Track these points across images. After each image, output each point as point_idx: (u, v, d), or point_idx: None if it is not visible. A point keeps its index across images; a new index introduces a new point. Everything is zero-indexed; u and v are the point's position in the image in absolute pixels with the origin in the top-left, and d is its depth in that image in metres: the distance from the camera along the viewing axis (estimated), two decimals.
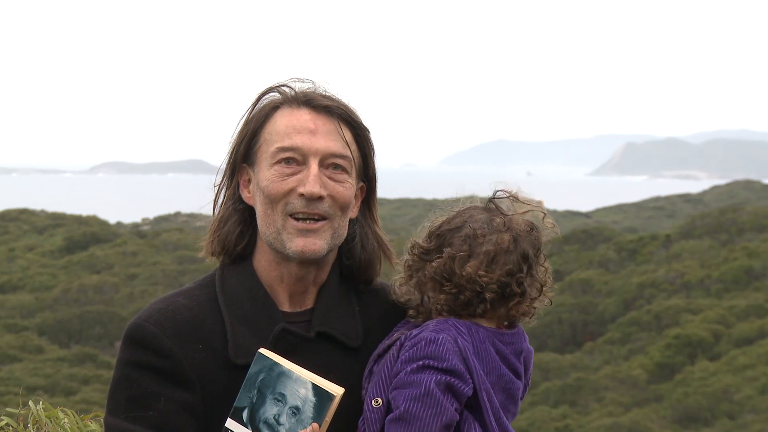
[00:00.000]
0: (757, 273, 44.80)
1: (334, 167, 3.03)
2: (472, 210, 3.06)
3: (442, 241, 3.02)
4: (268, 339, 2.99)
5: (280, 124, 3.05)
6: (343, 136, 3.05)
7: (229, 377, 2.96)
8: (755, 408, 33.83)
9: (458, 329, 2.95)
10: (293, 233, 3.01)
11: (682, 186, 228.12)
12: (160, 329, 2.98)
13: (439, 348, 2.89)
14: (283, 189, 3.01)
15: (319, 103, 3.06)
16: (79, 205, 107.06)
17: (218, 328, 3.01)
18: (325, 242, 3.02)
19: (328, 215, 3.02)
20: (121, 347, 3.03)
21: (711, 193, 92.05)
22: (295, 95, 3.09)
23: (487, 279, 2.96)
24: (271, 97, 3.12)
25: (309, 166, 3.01)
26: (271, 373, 2.84)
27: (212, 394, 2.97)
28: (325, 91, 3.12)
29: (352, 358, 3.07)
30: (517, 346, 3.04)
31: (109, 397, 3.01)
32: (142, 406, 2.94)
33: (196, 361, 2.97)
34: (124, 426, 2.94)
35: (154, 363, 2.96)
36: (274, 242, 3.03)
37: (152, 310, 3.03)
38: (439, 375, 2.87)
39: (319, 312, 3.07)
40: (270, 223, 3.03)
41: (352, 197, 3.07)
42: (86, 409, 5.21)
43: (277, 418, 2.83)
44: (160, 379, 2.95)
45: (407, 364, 2.90)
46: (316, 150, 3.02)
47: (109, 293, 45.90)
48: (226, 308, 3.04)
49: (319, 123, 3.04)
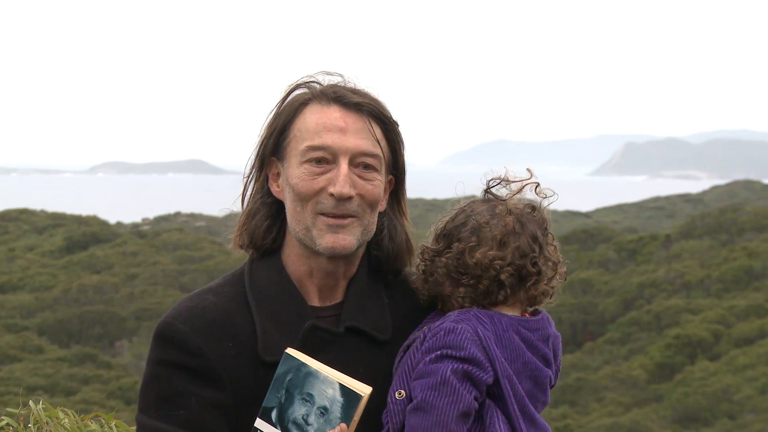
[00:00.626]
0: (757, 273, 44.79)
1: (364, 166, 3.02)
2: (473, 204, 3.07)
3: (450, 239, 3.03)
4: (297, 335, 2.99)
5: (310, 121, 3.03)
6: (372, 133, 3.03)
7: (259, 375, 2.96)
8: (755, 408, 33.82)
9: (479, 319, 2.95)
10: (323, 229, 2.99)
11: (682, 186, 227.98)
12: (190, 327, 2.98)
13: (457, 337, 2.89)
14: (313, 188, 2.99)
15: (349, 100, 3.04)
16: (79, 205, 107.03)
17: (247, 325, 3.01)
18: (354, 238, 3.01)
19: (357, 214, 3.01)
20: (152, 345, 3.03)
21: (711, 193, 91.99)
22: (325, 91, 3.06)
23: (501, 262, 2.96)
24: (301, 91, 3.10)
25: (339, 165, 3.00)
26: (298, 374, 2.84)
27: (242, 392, 2.96)
28: (355, 86, 3.10)
29: (382, 351, 3.06)
30: (544, 332, 3.04)
31: (141, 395, 3.01)
32: (172, 404, 2.94)
33: (226, 359, 2.96)
34: (155, 425, 2.94)
35: (184, 361, 2.96)
36: (304, 238, 3.02)
37: (182, 308, 3.03)
38: (456, 363, 2.87)
39: (348, 306, 3.06)
40: (300, 219, 3.02)
41: (381, 194, 3.06)
42: (86, 409, 5.20)
43: (306, 418, 2.83)
44: (190, 377, 2.95)
45: (426, 355, 2.90)
46: (347, 149, 3.00)
47: (109, 293, 45.88)
48: (256, 305, 3.03)
49: (349, 121, 3.03)
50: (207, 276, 47.96)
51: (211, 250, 52.90)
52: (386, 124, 3.07)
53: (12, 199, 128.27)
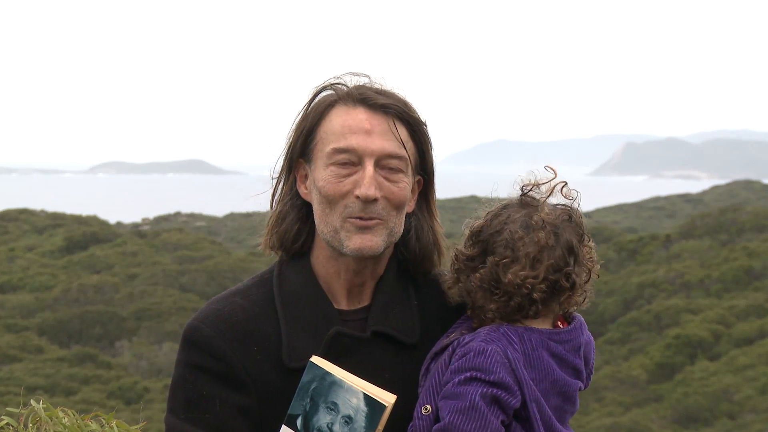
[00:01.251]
0: (757, 273, 44.77)
1: (390, 169, 3.01)
2: (510, 210, 3.03)
3: (485, 246, 3.00)
4: (323, 341, 2.99)
5: (335, 124, 3.03)
6: (398, 135, 3.02)
7: (284, 380, 2.97)
8: (755, 408, 33.81)
9: (509, 338, 2.92)
10: (351, 231, 2.99)
11: (682, 186, 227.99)
12: (216, 331, 2.99)
13: (486, 360, 2.87)
14: (339, 191, 2.99)
15: (375, 101, 3.03)
16: (79, 205, 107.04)
17: (274, 330, 3.01)
18: (381, 240, 3.01)
19: (382, 216, 3.00)
20: (180, 348, 3.05)
21: (711, 193, 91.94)
22: (351, 93, 3.05)
23: (533, 281, 2.93)
24: (327, 93, 3.09)
25: (364, 167, 2.99)
26: (323, 383, 2.84)
27: (267, 397, 2.97)
28: (381, 86, 3.09)
29: (410, 354, 3.05)
30: (576, 342, 3.01)
31: (170, 395, 3.03)
32: (198, 408, 2.96)
33: (251, 363, 2.98)
34: (183, 427, 2.96)
35: (210, 365, 2.97)
36: (332, 240, 3.02)
37: (209, 310, 3.04)
38: (485, 388, 2.85)
39: (375, 310, 3.06)
40: (328, 222, 3.02)
41: (408, 196, 3.05)
42: (86, 409, 5.21)
43: (331, 426, 2.83)
44: (215, 381, 2.96)
45: (455, 375, 2.89)
46: (372, 151, 2.99)
47: (109, 293, 45.86)
48: (282, 309, 3.03)
49: (374, 122, 3.02)
50: (207, 276, 47.94)
51: (211, 250, 52.88)
52: (412, 125, 3.06)
53: (12, 199, 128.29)
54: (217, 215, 78.71)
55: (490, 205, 3.06)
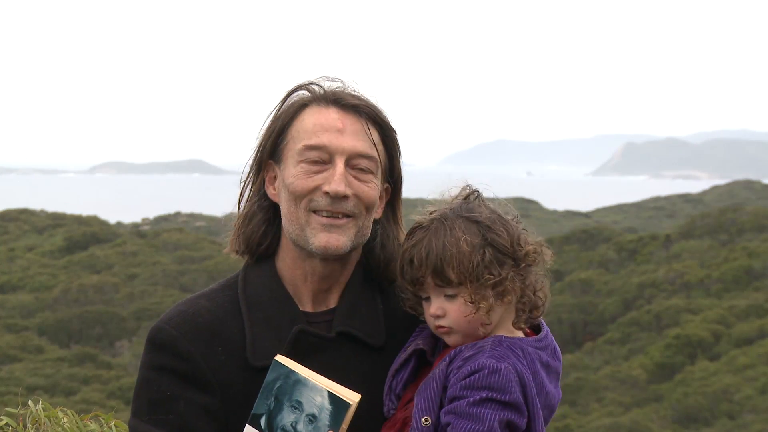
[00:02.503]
0: (757, 273, 44.76)
1: (360, 169, 3.01)
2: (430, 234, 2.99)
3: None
4: (287, 339, 2.99)
5: (308, 122, 3.03)
6: (370, 136, 3.03)
7: (249, 380, 2.97)
8: (755, 408, 33.80)
9: (515, 353, 2.91)
10: (317, 228, 2.99)
11: (682, 186, 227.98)
12: (180, 332, 2.99)
13: (501, 379, 2.85)
14: (308, 186, 3.00)
15: (348, 102, 3.04)
16: (79, 205, 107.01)
17: (238, 330, 3.01)
18: (348, 239, 3.01)
19: (353, 214, 3.01)
20: (144, 350, 3.05)
21: (711, 193, 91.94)
22: (323, 93, 3.07)
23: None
24: (300, 94, 3.10)
25: (335, 164, 2.99)
26: (287, 381, 2.84)
27: (232, 397, 2.97)
28: (354, 90, 3.10)
29: (375, 357, 3.05)
30: (552, 345, 3.03)
31: (133, 398, 3.03)
32: (162, 409, 2.96)
33: (216, 364, 2.98)
34: (146, 428, 2.96)
35: (174, 366, 2.98)
36: (298, 239, 3.02)
37: (174, 312, 3.05)
38: (502, 412, 2.83)
39: (341, 311, 3.06)
40: (294, 219, 3.02)
41: (377, 198, 3.06)
42: (86, 409, 5.21)
43: (294, 425, 2.83)
44: (179, 381, 2.96)
45: (469, 392, 2.86)
46: (343, 149, 3.00)
47: (109, 293, 45.87)
48: (247, 310, 3.03)
49: (347, 122, 3.03)
50: (207, 276, 47.95)
51: (211, 250, 52.87)
52: (384, 129, 3.07)
53: (12, 199, 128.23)
54: (217, 215, 78.75)
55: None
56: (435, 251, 2.91)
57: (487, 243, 2.92)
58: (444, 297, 2.93)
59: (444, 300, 2.93)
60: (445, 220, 2.96)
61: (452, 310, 2.92)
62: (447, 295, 2.92)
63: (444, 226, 2.95)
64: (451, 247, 2.90)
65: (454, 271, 2.89)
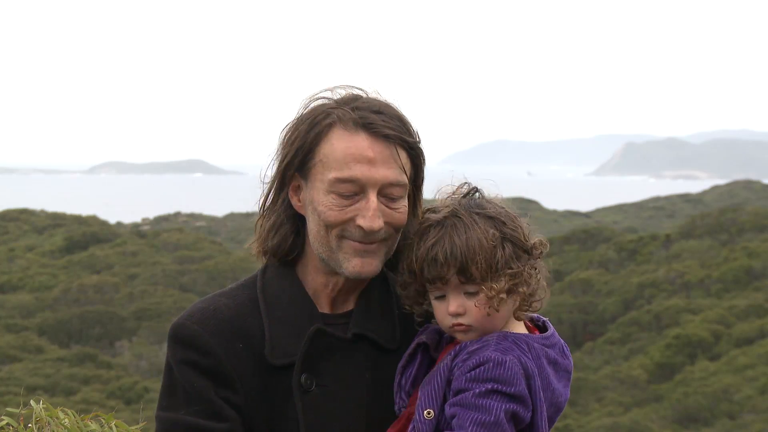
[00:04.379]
0: (757, 273, 44.79)
1: (391, 198, 3.00)
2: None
3: None
4: (305, 338, 3.02)
5: (337, 149, 2.98)
6: (399, 162, 3.01)
7: (267, 378, 3.00)
8: (755, 408, 33.82)
9: (520, 347, 2.93)
10: (350, 253, 3.00)
11: (682, 186, 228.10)
12: (202, 327, 3.02)
13: (507, 371, 2.86)
14: (341, 218, 2.98)
15: (377, 128, 3.00)
16: (79, 205, 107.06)
17: (258, 327, 3.04)
18: (380, 261, 3.03)
19: (383, 239, 3.02)
20: (168, 347, 3.08)
21: (711, 193, 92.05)
22: (350, 115, 3.01)
23: None
24: (326, 110, 3.04)
25: (368, 197, 2.97)
26: None
27: (250, 394, 3.00)
28: (377, 100, 3.05)
29: (391, 359, 3.06)
30: (559, 344, 3.04)
31: (163, 394, 3.05)
32: (197, 399, 2.98)
33: (236, 359, 3.00)
34: (189, 421, 2.98)
35: (198, 360, 3.00)
36: (329, 260, 3.03)
37: (195, 309, 3.07)
38: (508, 403, 2.84)
39: (358, 314, 3.08)
40: (324, 243, 3.02)
41: (406, 218, 3.05)
42: (86, 409, 5.21)
43: None
44: (205, 375, 2.99)
45: (474, 385, 2.86)
46: (375, 181, 2.97)
47: (109, 293, 45.90)
48: (266, 309, 3.05)
49: (377, 150, 2.98)
50: (207, 276, 47.96)
51: (211, 250, 52.93)
52: (413, 148, 3.05)
53: (12, 199, 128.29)
54: (217, 215, 78.83)
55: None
56: (459, 248, 2.90)
57: (506, 238, 2.93)
58: (465, 294, 2.93)
59: (464, 297, 2.93)
60: (459, 216, 2.96)
61: (472, 307, 2.92)
62: (468, 292, 2.92)
63: (461, 222, 2.94)
64: (475, 243, 2.90)
65: (479, 268, 2.89)
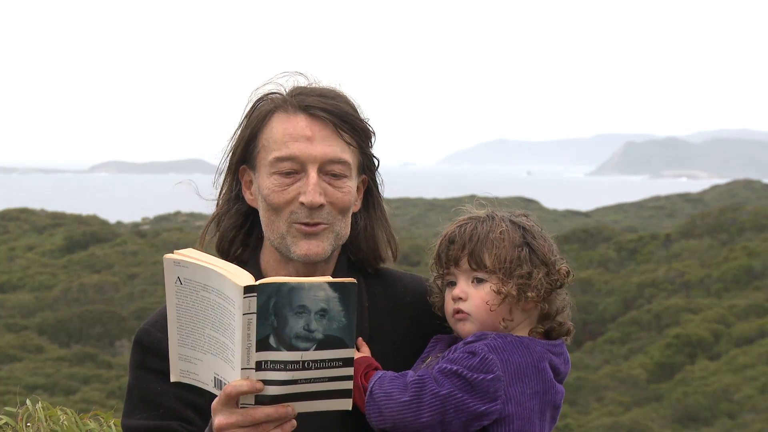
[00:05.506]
0: (757, 273, 44.78)
1: (333, 175, 3.04)
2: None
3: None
4: None
5: (276, 131, 3.04)
6: (341, 138, 3.04)
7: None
8: (755, 408, 33.82)
9: (518, 349, 2.97)
10: (297, 237, 3.03)
11: (682, 186, 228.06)
12: (164, 335, 3.00)
13: (480, 363, 2.90)
14: (284, 198, 3.02)
15: (315, 107, 3.04)
16: (79, 205, 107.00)
17: None
18: (328, 244, 3.05)
19: (328, 221, 3.04)
20: (131, 352, 3.15)
21: (711, 193, 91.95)
22: (290, 99, 3.07)
23: None
24: (267, 98, 3.10)
25: (308, 174, 3.01)
26: (281, 294, 2.71)
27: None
28: (318, 84, 3.10)
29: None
30: (566, 355, 3.10)
31: (125, 400, 3.12)
32: (153, 404, 3.03)
33: None
34: (139, 425, 3.02)
35: (160, 366, 3.03)
36: (279, 246, 3.06)
37: (159, 315, 3.11)
38: (458, 392, 2.88)
39: None
40: (274, 228, 3.06)
41: (352, 200, 3.08)
42: (86, 408, 5.21)
43: (307, 327, 2.72)
44: (166, 380, 2.98)
45: (446, 364, 2.93)
46: (314, 157, 3.01)
47: (109, 293, 45.89)
48: None
49: (315, 128, 3.03)
50: None
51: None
52: (354, 126, 3.07)
53: (12, 199, 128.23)
54: None
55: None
56: (478, 235, 3.02)
57: (526, 243, 3.02)
58: (473, 281, 3.01)
59: (471, 284, 3.01)
60: (493, 217, 3.08)
61: (476, 295, 3.00)
62: (476, 278, 3.01)
63: (492, 220, 3.06)
64: (495, 235, 3.01)
65: (491, 257, 2.99)
